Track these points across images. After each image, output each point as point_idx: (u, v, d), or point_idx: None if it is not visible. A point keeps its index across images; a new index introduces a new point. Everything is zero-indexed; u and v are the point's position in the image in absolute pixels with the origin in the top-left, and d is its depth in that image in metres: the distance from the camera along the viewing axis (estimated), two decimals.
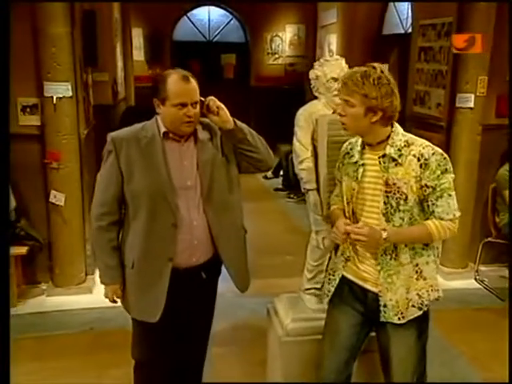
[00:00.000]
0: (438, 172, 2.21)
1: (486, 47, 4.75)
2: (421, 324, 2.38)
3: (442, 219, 2.25)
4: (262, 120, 10.95)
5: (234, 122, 2.37)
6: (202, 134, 2.44)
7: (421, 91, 5.64)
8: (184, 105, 2.28)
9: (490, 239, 4.99)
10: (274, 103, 10.57)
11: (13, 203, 4.30)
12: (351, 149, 2.43)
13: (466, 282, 5.01)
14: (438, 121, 5.25)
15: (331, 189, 2.65)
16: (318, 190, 2.87)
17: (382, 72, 2.22)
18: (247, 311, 4.31)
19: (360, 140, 2.38)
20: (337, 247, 2.64)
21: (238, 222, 2.60)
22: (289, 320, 3.04)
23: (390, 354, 2.40)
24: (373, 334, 2.52)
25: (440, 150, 2.25)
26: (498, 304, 4.68)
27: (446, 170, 2.23)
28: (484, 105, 4.92)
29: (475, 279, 5.10)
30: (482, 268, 5.15)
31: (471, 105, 4.85)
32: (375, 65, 2.26)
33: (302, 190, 3.06)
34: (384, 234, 2.22)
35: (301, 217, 6.53)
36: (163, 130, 2.38)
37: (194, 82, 2.33)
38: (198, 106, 2.34)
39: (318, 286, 3.12)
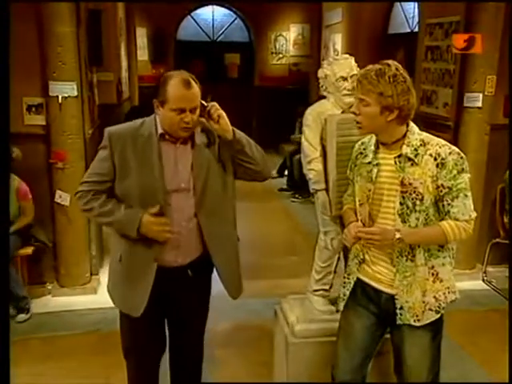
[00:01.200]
0: (455, 172, 2.19)
1: (495, 46, 4.74)
2: (436, 325, 2.35)
3: (457, 220, 2.22)
4: (265, 120, 10.98)
5: (234, 132, 2.36)
6: (200, 138, 2.42)
7: (428, 91, 5.62)
8: (182, 110, 2.26)
9: (498, 240, 4.97)
10: (278, 103, 10.55)
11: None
12: (364, 149, 2.40)
13: (473, 283, 4.99)
14: (445, 120, 5.23)
15: (340, 189, 2.63)
16: (326, 190, 2.85)
17: (397, 69, 2.19)
18: (252, 312, 4.29)
19: (373, 139, 2.35)
20: (347, 250, 2.62)
21: (230, 227, 2.59)
22: (296, 321, 3.03)
23: (404, 355, 2.38)
24: (387, 335, 2.50)
25: (457, 150, 2.22)
26: (506, 305, 4.63)
27: (463, 169, 2.20)
28: (492, 104, 4.90)
29: (483, 280, 5.10)
30: (490, 269, 5.13)
31: (479, 104, 4.83)
32: (390, 62, 2.23)
33: (311, 191, 3.04)
34: (397, 235, 2.20)
35: (305, 217, 6.53)
36: (160, 131, 2.37)
37: (195, 87, 2.29)
38: (198, 111, 2.32)
39: (327, 287, 3.10)
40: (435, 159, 2.19)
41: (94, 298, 4.57)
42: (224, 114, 2.33)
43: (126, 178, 2.34)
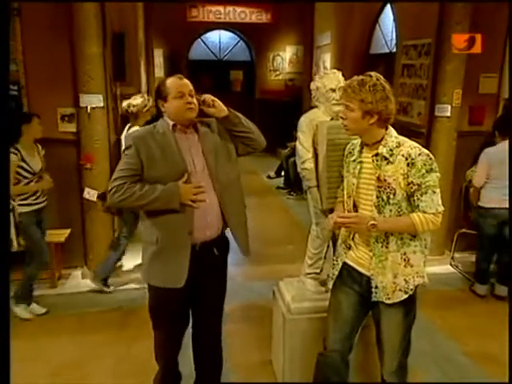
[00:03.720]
0: (424, 171, 2.16)
1: (462, 64, 4.71)
2: (407, 305, 2.33)
3: (425, 213, 2.19)
4: (265, 127, 10.85)
5: (229, 110, 2.42)
6: (202, 128, 2.47)
7: (404, 102, 5.59)
8: (183, 95, 2.34)
9: (463, 230, 4.95)
10: (276, 113, 10.54)
11: None
12: (353, 149, 2.39)
13: (442, 268, 4.98)
14: (419, 128, 5.21)
15: (330, 186, 2.61)
16: (318, 186, 2.84)
17: (377, 80, 2.19)
18: (255, 293, 4.28)
19: (360, 141, 2.35)
20: (335, 239, 2.60)
21: (240, 197, 2.57)
22: (292, 300, 3.02)
23: (381, 329, 2.38)
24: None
25: (426, 151, 2.20)
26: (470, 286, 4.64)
27: (432, 169, 2.18)
28: (459, 114, 4.88)
29: (450, 265, 5.08)
30: (457, 255, 5.11)
31: (448, 114, 4.81)
32: (372, 73, 2.23)
33: (304, 187, 3.02)
34: (372, 221, 2.19)
35: (300, 212, 6.50)
36: (171, 123, 2.40)
37: (186, 80, 2.41)
38: (195, 97, 2.38)
39: (318, 270, 3.09)
40: (406, 159, 2.17)
41: (117, 280, 4.54)
42: (216, 99, 2.40)
43: (153, 167, 2.33)
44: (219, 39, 11.84)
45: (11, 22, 4.11)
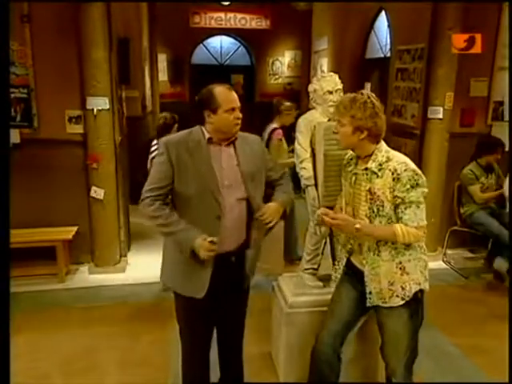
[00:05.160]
0: (408, 186, 2.16)
1: (453, 68, 4.72)
2: (411, 307, 2.31)
3: (407, 225, 2.19)
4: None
5: (279, 204, 2.33)
6: (241, 145, 2.34)
7: (398, 105, 5.59)
8: (233, 109, 2.24)
9: (455, 228, 4.95)
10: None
11: None
12: (351, 159, 2.40)
13: (435, 264, 4.95)
14: (412, 129, 5.20)
15: (327, 185, 2.61)
16: (315, 185, 2.84)
17: (368, 97, 2.20)
18: (254, 288, 4.24)
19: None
20: (332, 236, 2.58)
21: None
22: (290, 295, 3.02)
23: (387, 332, 2.36)
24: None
25: (413, 167, 2.18)
26: (461, 281, 4.66)
27: (417, 184, 2.16)
28: (450, 116, 4.87)
29: (443, 261, 5.07)
30: (449, 251, 5.10)
31: (440, 116, 4.80)
32: (363, 91, 2.24)
33: (302, 186, 3.03)
34: (357, 225, 2.20)
35: (297, 209, 6.49)
36: (208, 136, 2.29)
37: (234, 92, 2.31)
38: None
39: (315, 266, 3.09)
40: (393, 173, 2.18)
41: (123, 275, 4.56)
42: (272, 214, 2.28)
43: (184, 176, 2.23)
44: (220, 44, 11.83)
45: (22, 28, 4.12)
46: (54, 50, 4.25)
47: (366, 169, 2.24)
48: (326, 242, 3.07)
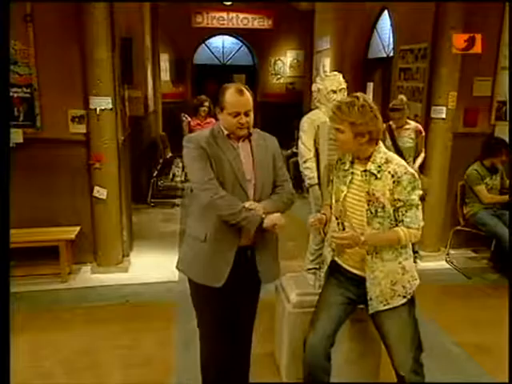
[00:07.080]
0: (409, 188, 2.17)
1: (456, 68, 4.71)
2: (408, 303, 2.32)
3: (409, 227, 2.20)
4: (266, 129, 10.88)
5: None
6: (256, 140, 2.37)
7: None
8: (238, 113, 2.23)
9: (458, 227, 4.94)
10: (277, 115, 10.50)
11: None
12: (344, 155, 2.38)
13: (438, 264, 4.97)
14: None
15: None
16: (319, 185, 2.83)
17: (364, 100, 2.18)
18: None
19: None
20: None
21: None
22: (294, 295, 3.01)
23: (391, 333, 2.33)
24: (361, 306, 2.46)
25: (412, 170, 2.22)
26: (464, 281, 4.65)
27: (415, 187, 2.19)
28: (454, 116, 4.86)
29: (446, 261, 5.06)
30: (452, 251, 5.09)
31: (443, 116, 4.80)
32: (358, 94, 2.21)
33: (306, 185, 3.02)
34: (362, 238, 2.19)
35: (300, 209, 6.45)
36: (226, 132, 2.32)
37: (247, 94, 2.25)
38: (252, 113, 2.27)
39: (318, 266, 3.08)
40: (392, 176, 2.18)
41: (125, 275, 4.55)
42: (276, 221, 2.30)
43: (216, 168, 2.25)
44: (223, 44, 11.84)
45: (25, 27, 4.12)
46: (57, 49, 4.25)
47: (365, 170, 2.23)
48: None
